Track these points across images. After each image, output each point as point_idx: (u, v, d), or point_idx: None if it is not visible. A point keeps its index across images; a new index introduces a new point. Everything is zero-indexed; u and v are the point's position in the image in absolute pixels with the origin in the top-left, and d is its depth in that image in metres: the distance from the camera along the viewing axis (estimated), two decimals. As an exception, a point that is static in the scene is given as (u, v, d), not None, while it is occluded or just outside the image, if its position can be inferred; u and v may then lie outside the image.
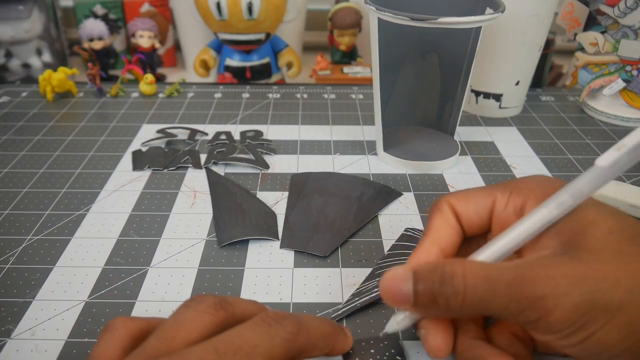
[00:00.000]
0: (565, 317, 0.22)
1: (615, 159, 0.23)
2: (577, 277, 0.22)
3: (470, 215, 0.28)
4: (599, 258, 0.22)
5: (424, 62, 0.49)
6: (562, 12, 0.58)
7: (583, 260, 0.22)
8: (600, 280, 0.22)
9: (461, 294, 0.23)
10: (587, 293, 0.22)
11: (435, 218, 0.28)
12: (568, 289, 0.22)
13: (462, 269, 0.23)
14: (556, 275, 0.22)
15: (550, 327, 0.22)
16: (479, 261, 0.25)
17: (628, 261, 0.22)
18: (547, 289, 0.22)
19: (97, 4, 0.74)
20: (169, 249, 0.37)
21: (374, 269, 0.35)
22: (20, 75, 0.71)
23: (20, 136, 0.52)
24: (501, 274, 0.23)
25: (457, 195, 0.29)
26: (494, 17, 0.41)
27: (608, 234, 0.23)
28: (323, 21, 0.77)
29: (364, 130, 0.54)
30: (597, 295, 0.21)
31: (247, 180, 0.45)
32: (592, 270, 0.22)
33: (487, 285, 0.23)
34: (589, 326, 0.22)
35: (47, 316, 0.31)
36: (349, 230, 0.38)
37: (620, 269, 0.22)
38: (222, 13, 0.61)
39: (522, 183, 0.28)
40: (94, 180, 0.45)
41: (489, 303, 0.23)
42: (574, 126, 0.56)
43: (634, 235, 0.23)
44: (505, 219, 0.27)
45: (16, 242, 0.37)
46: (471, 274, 0.23)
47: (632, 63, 0.55)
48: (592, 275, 0.22)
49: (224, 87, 0.65)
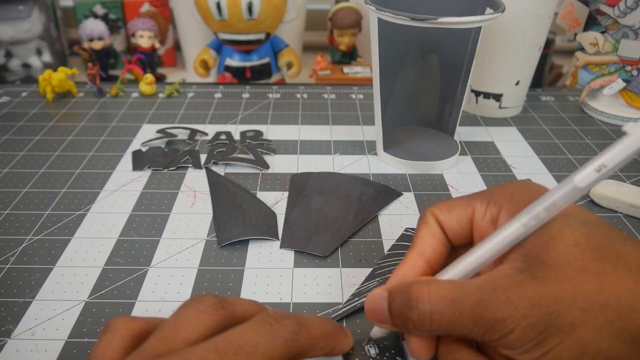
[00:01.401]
0: (522, 336, 0.22)
1: (594, 180, 0.23)
2: (535, 299, 0.22)
3: (453, 225, 0.28)
4: (559, 276, 0.22)
5: (424, 62, 0.49)
6: (562, 12, 0.58)
7: (543, 279, 0.23)
8: (558, 301, 0.22)
9: (428, 318, 0.24)
10: (544, 314, 0.22)
11: (421, 230, 0.29)
12: (526, 312, 0.22)
13: (427, 293, 0.24)
14: (516, 299, 0.22)
15: (510, 345, 0.23)
16: (446, 281, 0.25)
17: (587, 280, 0.22)
18: (507, 312, 0.22)
19: (97, 4, 0.74)
20: (169, 249, 0.37)
21: (374, 269, 0.35)
22: (20, 75, 0.71)
23: (20, 136, 0.52)
24: (466, 297, 0.23)
25: (440, 206, 0.29)
26: (494, 17, 0.41)
27: (572, 246, 0.23)
28: (323, 21, 0.77)
29: (364, 130, 0.54)
30: (552, 315, 0.22)
31: (247, 180, 0.45)
32: (550, 290, 0.22)
33: (453, 309, 0.23)
34: (545, 344, 0.22)
35: (47, 316, 0.31)
36: (349, 230, 0.38)
37: (578, 288, 0.22)
38: (222, 13, 0.61)
39: (498, 192, 0.27)
40: (94, 180, 0.45)
41: (455, 326, 0.23)
42: (574, 126, 0.56)
43: (600, 248, 0.23)
44: (483, 229, 0.27)
45: (16, 242, 0.37)
46: (437, 297, 0.24)
47: (632, 63, 0.55)
48: (549, 295, 0.22)
49: (224, 87, 0.65)
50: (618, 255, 0.22)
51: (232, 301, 0.24)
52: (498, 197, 0.27)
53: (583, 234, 0.23)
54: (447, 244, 0.28)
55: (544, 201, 0.24)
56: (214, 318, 0.22)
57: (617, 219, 0.40)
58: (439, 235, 0.28)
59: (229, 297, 0.24)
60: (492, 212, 0.27)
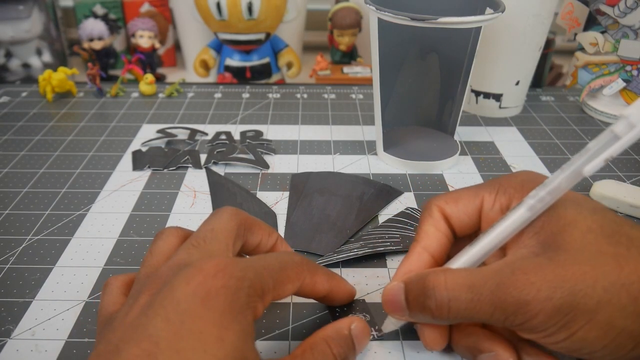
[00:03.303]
0: (547, 319, 0.23)
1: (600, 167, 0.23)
2: (557, 281, 0.23)
3: (460, 216, 0.28)
4: (577, 259, 0.23)
5: (424, 62, 0.49)
6: (562, 12, 0.58)
7: (561, 263, 0.23)
8: (579, 282, 0.22)
9: (446, 306, 0.24)
10: (567, 295, 0.22)
11: (425, 223, 0.29)
12: (549, 293, 0.22)
13: (444, 281, 0.24)
14: (537, 281, 0.23)
15: (534, 329, 0.23)
16: (462, 269, 0.25)
17: (605, 262, 0.23)
18: (530, 295, 0.23)
19: (97, 4, 0.74)
20: (169, 249, 0.37)
21: (361, 234, 0.36)
22: (20, 75, 0.71)
23: (20, 136, 0.52)
24: (484, 282, 0.24)
25: (446, 198, 0.29)
26: (494, 17, 0.41)
27: (587, 232, 0.24)
28: (323, 21, 0.77)
29: (364, 130, 0.54)
30: (576, 297, 0.22)
31: (247, 180, 0.45)
32: (570, 272, 0.23)
33: (471, 295, 0.24)
34: (570, 326, 0.22)
35: (47, 316, 0.31)
36: (351, 230, 0.38)
37: (598, 270, 0.23)
38: (222, 13, 0.61)
39: (507, 181, 0.28)
40: (94, 180, 0.45)
41: (475, 312, 0.24)
42: (574, 126, 0.56)
43: (612, 233, 0.24)
44: (492, 219, 0.27)
45: (16, 242, 0.37)
46: (454, 284, 0.24)
47: (632, 63, 0.55)
48: (571, 277, 0.23)
49: (224, 87, 0.65)
50: (630, 238, 0.23)
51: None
52: (507, 186, 0.27)
53: (595, 221, 0.24)
54: (450, 236, 0.29)
55: (547, 185, 0.25)
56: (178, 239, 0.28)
57: (617, 219, 0.40)
58: (444, 228, 0.29)
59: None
60: (502, 201, 0.27)
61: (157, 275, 0.24)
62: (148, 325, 0.21)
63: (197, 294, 0.22)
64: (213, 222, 0.27)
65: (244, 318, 0.22)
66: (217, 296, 0.22)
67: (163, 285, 0.23)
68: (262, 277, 0.24)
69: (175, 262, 0.25)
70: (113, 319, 0.23)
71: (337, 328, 0.26)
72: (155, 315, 0.21)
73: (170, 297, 0.22)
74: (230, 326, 0.21)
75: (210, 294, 0.22)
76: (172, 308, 0.21)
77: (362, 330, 0.26)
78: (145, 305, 0.22)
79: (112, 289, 0.26)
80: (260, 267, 0.24)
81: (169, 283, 0.23)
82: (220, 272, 0.22)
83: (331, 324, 0.26)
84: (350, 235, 0.38)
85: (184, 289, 0.22)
